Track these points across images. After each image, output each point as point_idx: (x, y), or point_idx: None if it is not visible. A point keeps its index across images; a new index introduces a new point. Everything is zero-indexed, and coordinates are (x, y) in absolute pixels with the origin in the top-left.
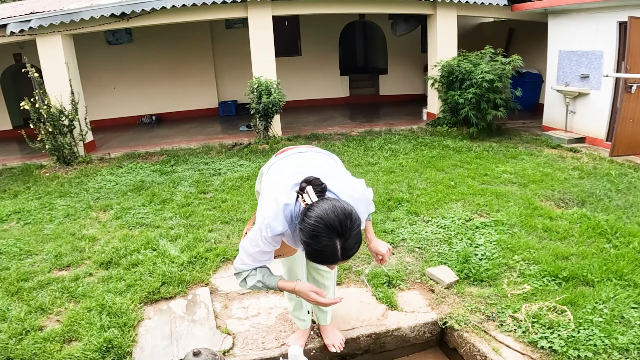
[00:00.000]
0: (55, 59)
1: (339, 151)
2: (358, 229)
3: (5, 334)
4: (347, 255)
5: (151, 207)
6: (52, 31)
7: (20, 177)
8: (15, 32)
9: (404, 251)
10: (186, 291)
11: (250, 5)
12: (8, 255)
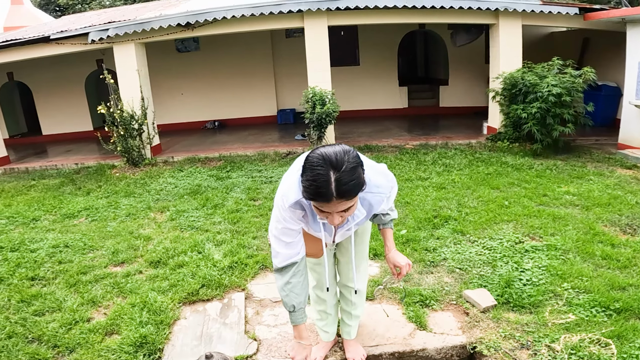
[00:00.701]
0: (129, 66)
1: (390, 164)
2: (355, 165)
3: (57, 322)
4: (341, 191)
5: (203, 211)
6: (126, 40)
7: (94, 176)
8: (96, 40)
9: (444, 271)
10: (223, 295)
11: (307, 16)
12: (73, 249)
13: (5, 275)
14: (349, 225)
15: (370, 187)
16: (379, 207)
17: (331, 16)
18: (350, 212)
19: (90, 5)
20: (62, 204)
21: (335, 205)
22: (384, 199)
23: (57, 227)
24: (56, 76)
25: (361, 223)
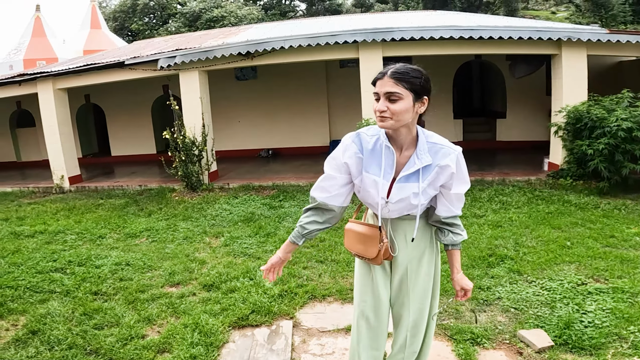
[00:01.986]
0: (193, 93)
1: None
2: (416, 69)
3: (114, 337)
4: (393, 71)
5: (256, 239)
6: (191, 67)
7: (155, 198)
8: (164, 67)
9: (497, 310)
10: (271, 321)
11: (361, 47)
12: (134, 268)
13: (72, 288)
14: (410, 167)
15: (435, 139)
16: (445, 173)
17: (386, 47)
18: (397, 108)
19: (158, 31)
20: (125, 223)
21: (385, 85)
22: (452, 161)
23: (121, 246)
24: (126, 100)
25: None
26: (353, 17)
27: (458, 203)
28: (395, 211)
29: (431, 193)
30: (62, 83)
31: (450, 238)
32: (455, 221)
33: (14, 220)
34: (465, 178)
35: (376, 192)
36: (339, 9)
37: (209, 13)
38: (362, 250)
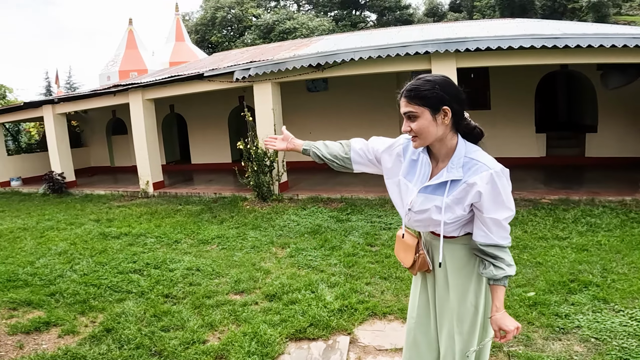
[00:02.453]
0: (266, 104)
1: (522, 220)
2: (434, 80)
3: (178, 340)
4: (406, 90)
5: (321, 252)
6: (264, 79)
7: (228, 206)
8: (239, 79)
9: (575, 339)
10: (328, 336)
11: (434, 58)
12: (203, 273)
13: (146, 290)
14: (437, 178)
15: (476, 154)
16: (472, 191)
17: (460, 58)
18: (416, 127)
19: (235, 43)
20: (199, 229)
21: (402, 105)
22: (482, 179)
23: (193, 251)
24: (205, 110)
25: (454, 190)
26: (425, 27)
27: (497, 230)
28: (417, 222)
29: (458, 212)
30: (149, 94)
31: (490, 271)
32: (497, 252)
33: (104, 221)
34: (505, 202)
35: (405, 199)
36: (410, 19)
37: (281, 25)
38: (402, 258)
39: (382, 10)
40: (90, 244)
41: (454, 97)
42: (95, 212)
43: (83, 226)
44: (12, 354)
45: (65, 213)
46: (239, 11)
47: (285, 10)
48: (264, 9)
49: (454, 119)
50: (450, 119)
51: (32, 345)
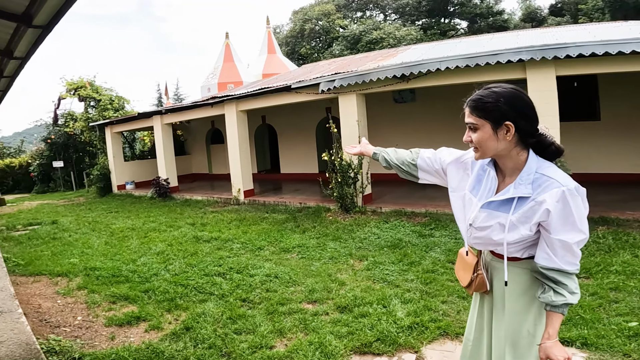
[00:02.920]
0: (350, 116)
1: (632, 243)
2: (501, 92)
3: (247, 344)
4: (469, 101)
5: (399, 266)
6: (349, 90)
7: (312, 216)
8: (325, 90)
9: None
10: (394, 352)
11: (529, 66)
12: (281, 281)
13: (226, 293)
14: (503, 194)
15: (549, 171)
16: (540, 209)
17: (560, 65)
18: (475, 138)
19: (323, 54)
20: (282, 238)
21: (466, 116)
22: (552, 196)
23: (274, 259)
24: (294, 121)
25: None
26: (521, 33)
27: (564, 254)
28: (477, 239)
29: (523, 232)
30: (242, 105)
31: (549, 296)
32: (560, 277)
33: (198, 225)
34: (577, 224)
35: (467, 214)
36: (505, 26)
37: (368, 35)
38: (461, 276)
39: (473, 17)
40: (184, 246)
41: (521, 112)
42: (192, 216)
43: (180, 229)
44: (104, 345)
45: (167, 216)
46: (327, 23)
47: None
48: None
49: (520, 135)
50: (513, 135)
51: (122, 337)
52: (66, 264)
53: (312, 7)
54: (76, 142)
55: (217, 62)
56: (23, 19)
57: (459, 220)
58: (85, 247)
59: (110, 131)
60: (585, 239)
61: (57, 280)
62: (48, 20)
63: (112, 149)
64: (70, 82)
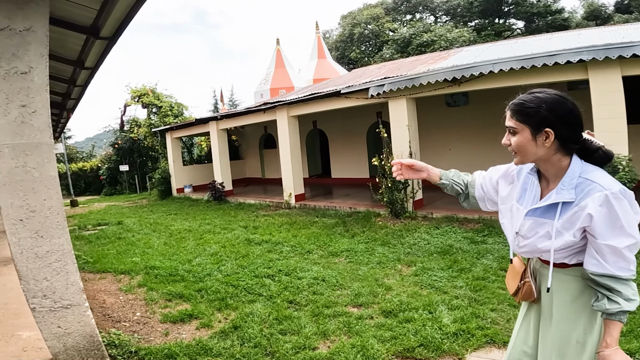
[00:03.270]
0: (400, 120)
1: None
2: (545, 97)
3: (291, 344)
4: (510, 105)
5: (447, 273)
6: (399, 95)
7: (361, 221)
8: (374, 95)
9: None
10: (437, 358)
11: (591, 66)
12: (328, 284)
13: (274, 294)
14: (545, 200)
15: (593, 175)
16: (583, 214)
17: (626, 65)
18: (513, 142)
19: (373, 58)
20: (331, 242)
21: (506, 119)
22: (594, 200)
23: (322, 262)
24: (345, 126)
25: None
26: (582, 32)
27: (615, 259)
28: (523, 247)
29: (567, 238)
30: (293, 111)
31: (603, 304)
32: (614, 284)
33: (250, 228)
34: (626, 228)
35: (514, 223)
36: (565, 24)
37: (418, 38)
38: (509, 284)
39: (529, 16)
40: (236, 248)
41: (562, 119)
42: (244, 219)
43: (233, 232)
44: (159, 340)
45: (221, 219)
46: (376, 26)
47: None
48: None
49: (561, 141)
50: (552, 141)
51: (175, 333)
52: (129, 263)
53: (360, 11)
54: (140, 147)
55: (269, 68)
56: (91, 31)
57: (507, 229)
58: (146, 247)
59: (170, 136)
60: (637, 243)
61: (120, 278)
62: (113, 31)
63: (172, 154)
64: (135, 89)
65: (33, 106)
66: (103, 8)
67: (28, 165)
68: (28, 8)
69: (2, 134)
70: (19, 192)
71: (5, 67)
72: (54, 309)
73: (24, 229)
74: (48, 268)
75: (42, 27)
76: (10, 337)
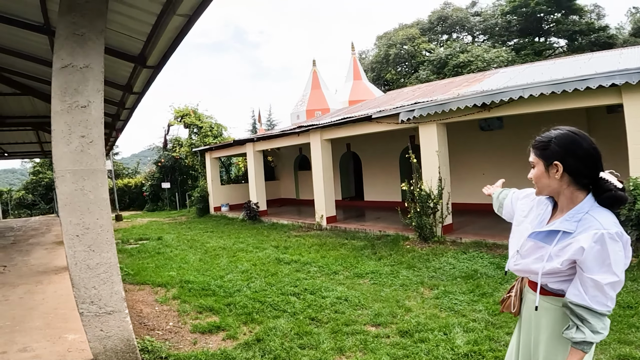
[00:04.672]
0: (431, 146)
1: None
2: (569, 138)
3: (308, 357)
4: (534, 141)
5: (469, 297)
6: (429, 120)
7: (389, 244)
8: (404, 120)
9: None
10: None
11: (625, 90)
12: (350, 304)
13: (298, 311)
14: (550, 225)
15: (598, 215)
16: (574, 247)
17: None
18: (531, 175)
19: (409, 79)
20: (358, 264)
21: (530, 155)
22: (589, 236)
23: (347, 283)
24: (378, 149)
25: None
26: (625, 51)
27: (594, 293)
28: (519, 265)
29: (555, 265)
30: (326, 134)
31: (570, 333)
32: (587, 315)
33: (281, 248)
34: (612, 267)
35: (520, 241)
36: (610, 42)
37: (455, 59)
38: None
39: (571, 34)
40: (266, 267)
41: (572, 153)
42: (276, 239)
43: (265, 251)
44: (187, 348)
45: (255, 238)
46: (411, 47)
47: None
48: (436, 43)
49: (572, 176)
50: (562, 174)
51: (202, 343)
52: (166, 276)
53: (396, 31)
54: (181, 165)
55: (305, 89)
56: (139, 59)
57: (511, 247)
58: (182, 262)
59: (209, 156)
60: (619, 282)
61: (157, 290)
62: (158, 61)
63: (210, 173)
64: (178, 110)
65: (91, 137)
66: (149, 39)
67: (85, 189)
68: (87, 46)
69: (65, 160)
70: (77, 211)
71: (68, 101)
72: (98, 314)
73: (79, 243)
74: (97, 278)
75: (98, 64)
76: (58, 339)
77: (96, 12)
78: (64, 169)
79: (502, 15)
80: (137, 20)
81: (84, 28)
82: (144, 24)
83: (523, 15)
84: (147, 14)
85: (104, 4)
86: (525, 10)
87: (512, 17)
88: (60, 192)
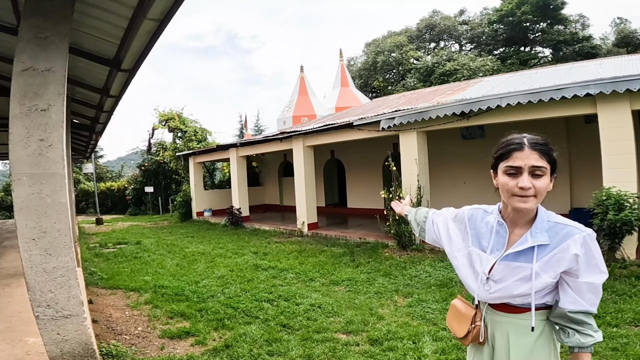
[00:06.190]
0: (410, 153)
1: None
2: (547, 145)
3: None
4: (533, 142)
5: (442, 305)
6: (409, 128)
7: (368, 252)
8: (385, 128)
9: None
10: None
11: (600, 100)
12: (323, 311)
13: (270, 318)
14: (521, 244)
15: (559, 219)
16: (567, 257)
17: (636, 99)
18: (541, 185)
19: (396, 87)
20: (335, 271)
21: (528, 157)
22: (576, 242)
23: (322, 290)
24: (361, 156)
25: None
26: (605, 61)
27: (590, 296)
28: (496, 292)
29: (546, 280)
30: (309, 141)
31: (576, 339)
32: (585, 319)
33: (260, 254)
34: (600, 266)
35: (479, 269)
36: (593, 52)
37: (441, 67)
38: (455, 328)
39: (556, 44)
40: (243, 273)
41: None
42: (256, 245)
43: (243, 257)
44: (154, 353)
45: (235, 244)
46: (399, 55)
47: (445, 51)
48: (424, 51)
49: None
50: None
51: (170, 348)
52: (140, 281)
53: (384, 39)
54: (165, 169)
55: (292, 95)
56: (114, 63)
57: (467, 277)
58: (159, 267)
59: (193, 161)
60: (606, 277)
61: (129, 295)
62: (132, 64)
63: (193, 178)
64: (162, 113)
65: (50, 140)
66: (123, 43)
67: (42, 192)
68: (50, 50)
69: (22, 164)
70: (33, 215)
71: (27, 104)
72: (55, 318)
73: (35, 247)
74: (53, 282)
75: (61, 67)
76: (18, 342)
77: (61, 15)
78: (20, 172)
79: (489, 24)
80: (109, 24)
81: (47, 31)
82: (117, 28)
83: (509, 24)
84: (120, 18)
85: (69, 7)
86: (512, 19)
87: (499, 26)
88: (16, 196)
